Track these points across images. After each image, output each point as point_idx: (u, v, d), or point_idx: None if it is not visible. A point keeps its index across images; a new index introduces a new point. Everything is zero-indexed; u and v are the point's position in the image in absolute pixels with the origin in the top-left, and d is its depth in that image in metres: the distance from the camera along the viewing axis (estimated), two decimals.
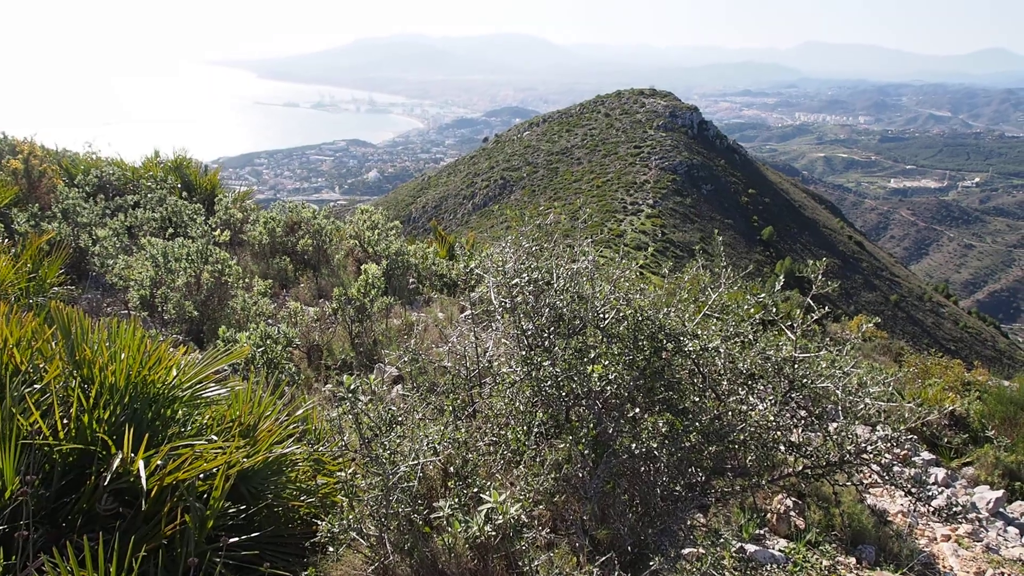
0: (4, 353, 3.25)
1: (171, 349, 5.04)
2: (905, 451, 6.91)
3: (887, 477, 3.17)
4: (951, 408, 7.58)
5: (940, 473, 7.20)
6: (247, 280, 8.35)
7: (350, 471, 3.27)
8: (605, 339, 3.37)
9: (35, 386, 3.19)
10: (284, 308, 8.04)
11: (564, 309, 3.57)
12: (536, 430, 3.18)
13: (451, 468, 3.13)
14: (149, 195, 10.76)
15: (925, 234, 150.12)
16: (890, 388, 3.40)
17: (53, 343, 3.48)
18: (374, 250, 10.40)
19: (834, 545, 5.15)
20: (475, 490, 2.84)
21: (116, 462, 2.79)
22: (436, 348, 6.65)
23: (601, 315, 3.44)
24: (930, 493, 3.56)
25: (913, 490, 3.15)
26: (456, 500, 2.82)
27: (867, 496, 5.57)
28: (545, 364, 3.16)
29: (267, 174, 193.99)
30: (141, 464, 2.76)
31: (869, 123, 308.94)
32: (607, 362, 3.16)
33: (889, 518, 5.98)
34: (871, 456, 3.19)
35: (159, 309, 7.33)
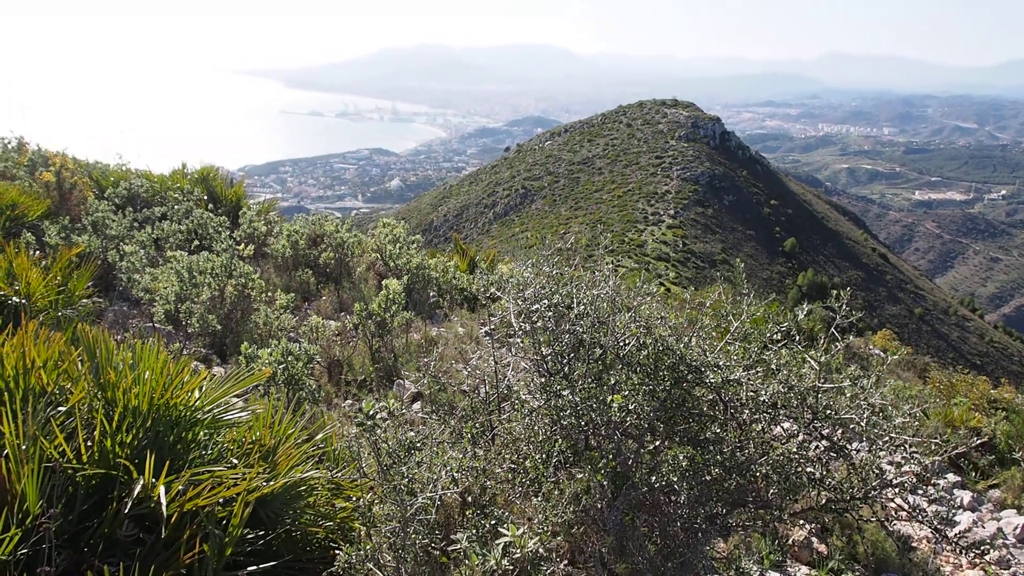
0: (32, 374, 3.30)
1: (195, 364, 5.09)
2: (930, 475, 6.78)
3: (913, 514, 3.11)
4: (979, 441, 7.42)
5: (966, 496, 7.05)
6: (270, 294, 8.43)
7: (368, 497, 3.27)
8: (625, 367, 3.35)
9: (60, 408, 3.23)
10: (306, 322, 8.10)
11: (584, 335, 3.56)
12: (555, 459, 3.17)
13: (469, 497, 3.12)
14: (176, 207, 10.92)
15: (950, 247, 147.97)
16: (915, 421, 3.34)
17: (79, 364, 3.52)
18: (395, 264, 10.45)
19: (857, 573, 5.07)
20: (493, 522, 2.83)
21: (138, 487, 2.82)
22: (456, 366, 6.65)
23: (622, 343, 3.42)
24: (958, 528, 3.48)
25: (939, 527, 3.09)
26: (474, 531, 2.81)
27: (892, 522, 5.48)
28: (564, 392, 3.15)
29: (291, 182, 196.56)
30: (162, 490, 2.78)
31: (893, 134, 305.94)
32: (627, 392, 3.14)
33: (913, 543, 5.88)
34: (897, 492, 3.14)
35: (183, 323, 7.42)
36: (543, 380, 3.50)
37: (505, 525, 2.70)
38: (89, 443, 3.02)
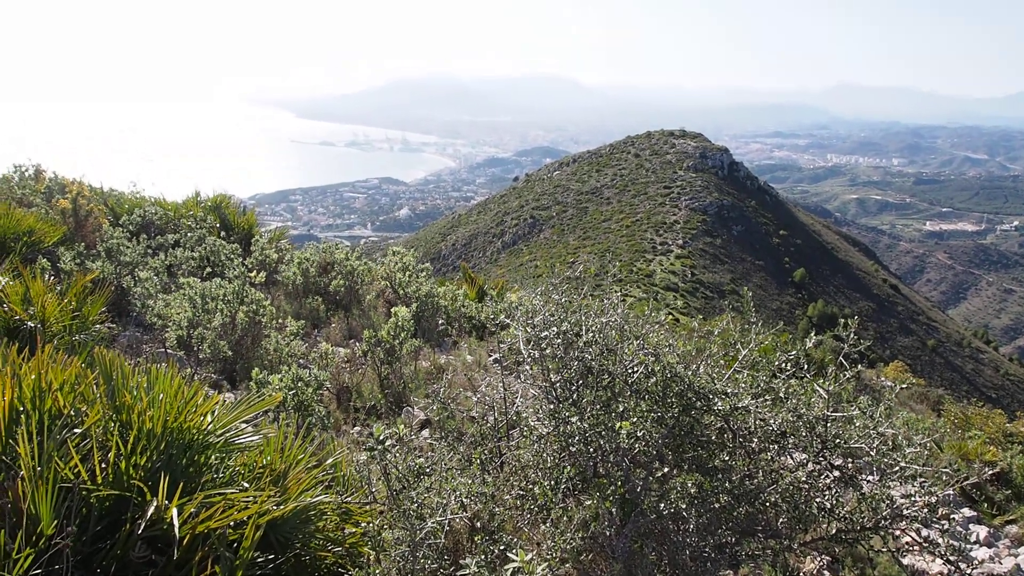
0: (48, 397, 3.35)
1: (207, 390, 5.13)
2: (944, 509, 6.70)
3: (925, 545, 3.10)
4: (991, 472, 7.34)
5: (982, 532, 6.95)
6: (280, 320, 8.49)
7: (377, 522, 3.28)
8: (633, 394, 3.37)
9: (76, 430, 3.27)
10: (315, 349, 8.15)
11: (593, 362, 3.58)
12: (564, 485, 3.18)
13: (478, 523, 3.13)
14: (189, 234, 11.05)
15: (963, 278, 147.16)
16: (926, 451, 3.34)
17: (95, 387, 3.57)
18: (404, 292, 10.51)
19: None
20: (502, 547, 2.83)
21: (151, 509, 2.84)
22: (464, 393, 6.67)
23: (630, 370, 3.44)
24: (972, 561, 3.46)
25: (954, 559, 3.07)
26: (483, 556, 2.82)
27: (904, 555, 5.41)
28: (573, 419, 3.17)
29: (301, 210, 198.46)
30: (175, 512, 2.81)
31: (903, 165, 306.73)
32: (635, 418, 3.16)
33: None
34: (908, 522, 3.12)
35: (195, 348, 7.48)
36: (552, 407, 3.53)
37: (514, 551, 2.70)
38: (104, 465, 3.05)
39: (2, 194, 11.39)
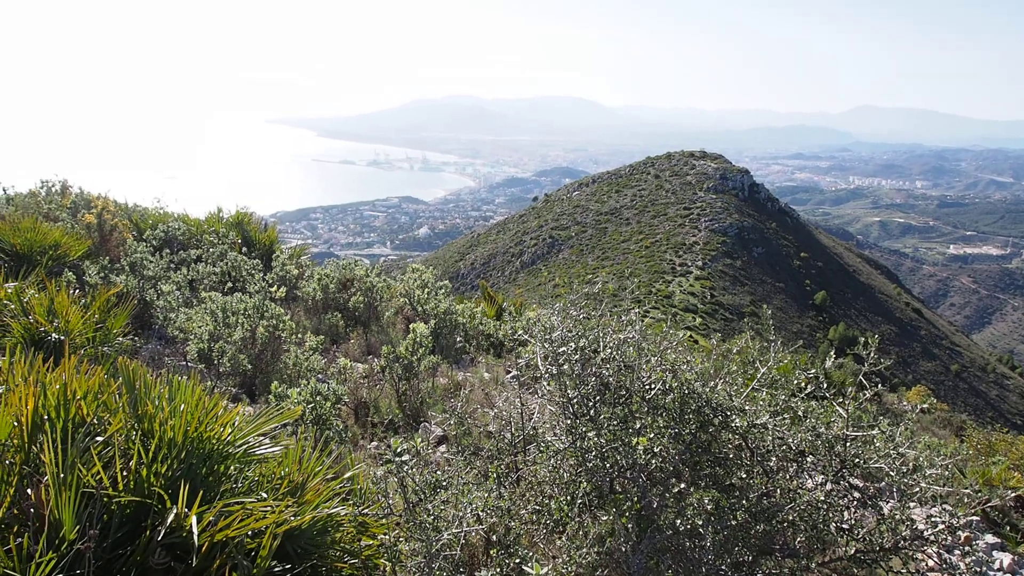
0: (73, 405, 3.41)
1: (229, 404, 5.20)
2: (967, 534, 6.58)
3: (946, 567, 3.05)
4: (1015, 493, 7.21)
5: (1006, 559, 6.81)
6: (300, 335, 8.56)
7: (393, 534, 3.29)
8: (650, 410, 3.37)
9: (98, 438, 3.32)
10: (334, 364, 8.20)
11: (610, 379, 3.59)
12: (580, 500, 3.17)
13: (494, 536, 3.13)
14: (211, 250, 11.21)
15: (987, 302, 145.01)
16: (947, 472, 3.29)
17: (117, 396, 3.63)
18: (423, 309, 10.56)
19: None
20: (517, 560, 2.83)
21: (171, 516, 2.88)
22: (481, 409, 6.67)
23: (647, 386, 3.44)
24: None
25: None
26: (498, 569, 2.81)
27: None
28: (590, 435, 3.17)
29: (322, 228, 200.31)
30: (194, 520, 2.84)
31: (926, 188, 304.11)
32: (652, 434, 3.15)
33: None
34: (928, 545, 3.07)
35: (215, 362, 7.56)
36: (569, 422, 3.53)
37: (529, 564, 2.70)
38: (125, 472, 3.09)
39: (29, 208, 11.63)
